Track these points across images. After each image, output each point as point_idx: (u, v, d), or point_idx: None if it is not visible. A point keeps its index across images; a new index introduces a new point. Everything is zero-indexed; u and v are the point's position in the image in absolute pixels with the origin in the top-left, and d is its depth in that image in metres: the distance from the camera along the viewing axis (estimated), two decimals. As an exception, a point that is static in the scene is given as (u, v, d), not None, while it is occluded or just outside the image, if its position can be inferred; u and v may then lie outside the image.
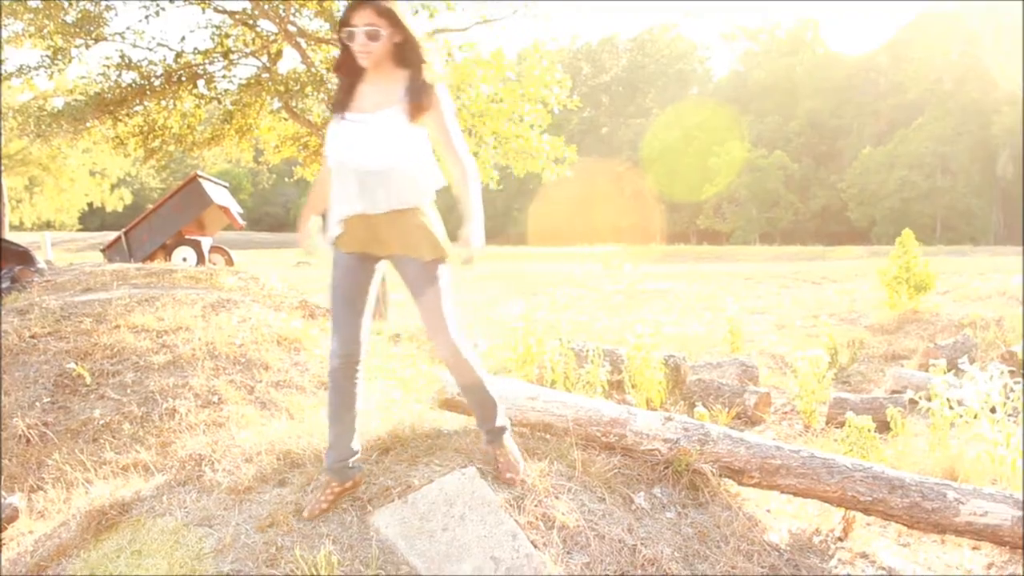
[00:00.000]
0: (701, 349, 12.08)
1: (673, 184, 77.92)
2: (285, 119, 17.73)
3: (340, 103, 4.40)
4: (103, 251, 20.14)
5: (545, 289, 24.57)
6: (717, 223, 76.34)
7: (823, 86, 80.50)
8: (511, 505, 4.51)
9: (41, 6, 15.91)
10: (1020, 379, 7.80)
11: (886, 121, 75.23)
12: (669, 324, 14.62)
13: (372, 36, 4.16)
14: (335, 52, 16.54)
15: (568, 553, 4.32)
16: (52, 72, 16.45)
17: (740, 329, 12.88)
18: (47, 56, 16.19)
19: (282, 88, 16.01)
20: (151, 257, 18.11)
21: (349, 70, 4.36)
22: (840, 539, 5.12)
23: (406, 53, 4.26)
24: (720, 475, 5.16)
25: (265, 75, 16.19)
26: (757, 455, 5.10)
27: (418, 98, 4.22)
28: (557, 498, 4.63)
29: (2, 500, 6.25)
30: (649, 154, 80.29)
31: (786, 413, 8.96)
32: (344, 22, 4.20)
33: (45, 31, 16.05)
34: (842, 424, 6.86)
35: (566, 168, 17.29)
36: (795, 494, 5.12)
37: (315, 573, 4.07)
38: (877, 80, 78.81)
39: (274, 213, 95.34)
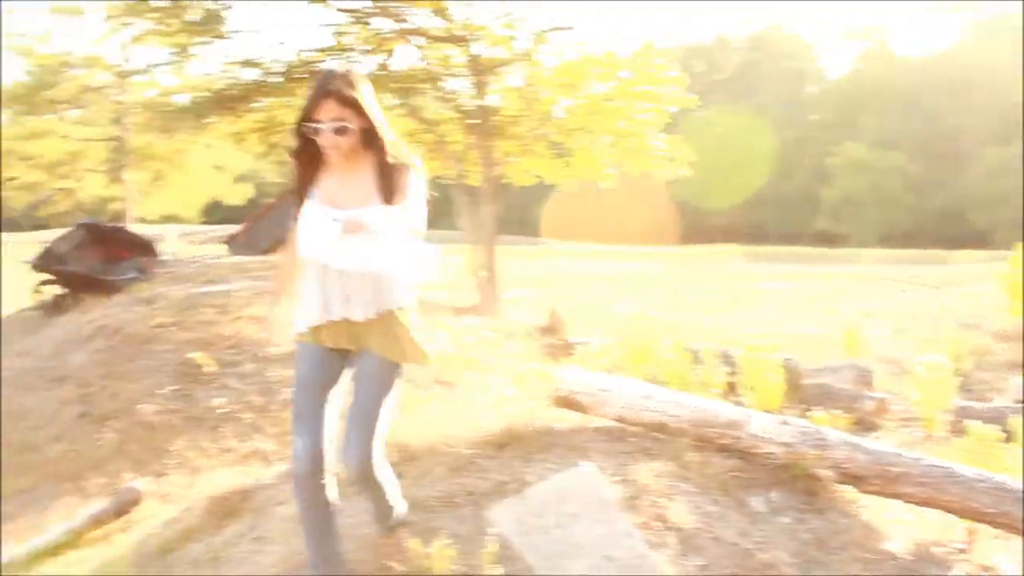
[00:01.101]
0: (816, 352, 11.88)
1: (788, 184, 76.76)
2: (401, 116, 17.95)
3: (302, 193, 4.02)
4: (225, 243, 20.60)
5: (657, 288, 24.44)
6: (834, 224, 74.93)
7: (941, 85, 78.48)
8: (626, 505, 4.50)
9: (166, 5, 16.38)
10: None
11: (1012, 121, 73.03)
12: (783, 325, 14.41)
13: (340, 131, 3.83)
14: (449, 50, 16.67)
15: (683, 555, 4.30)
16: (176, 69, 16.93)
17: (857, 332, 12.63)
18: (172, 54, 16.66)
19: (398, 85, 16.19)
20: (272, 250, 18.45)
21: (310, 159, 3.97)
22: (962, 551, 5.00)
23: (371, 137, 3.92)
24: (838, 481, 5.08)
25: (381, 72, 16.38)
26: (877, 462, 5.00)
27: (391, 185, 3.88)
28: (672, 499, 4.61)
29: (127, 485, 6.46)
30: (764, 153, 79.21)
31: (905, 420, 8.77)
32: (307, 116, 3.83)
33: (169, 29, 16.52)
34: (964, 433, 6.69)
35: (682, 167, 17.17)
36: (915, 503, 5.02)
37: (429, 566, 4.11)
38: (997, 78, 76.53)
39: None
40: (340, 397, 4.12)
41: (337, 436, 4.04)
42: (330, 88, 3.81)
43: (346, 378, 4.11)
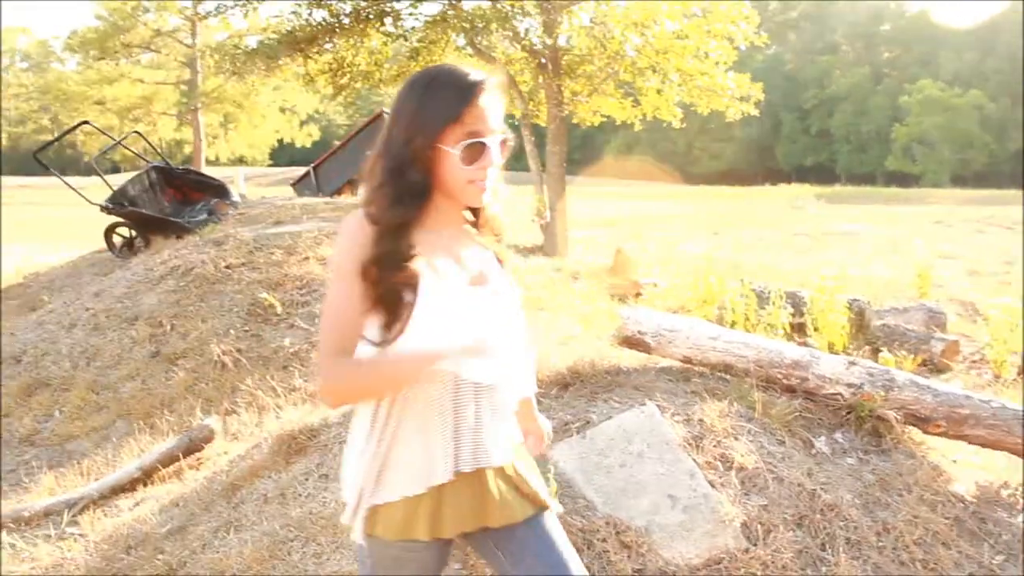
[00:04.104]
0: (887, 294, 11.74)
1: (861, 123, 75.54)
2: (470, 56, 17.86)
3: (405, 263, 2.25)
4: (293, 185, 20.79)
5: (727, 228, 24.26)
6: (907, 164, 73.61)
7: (1019, 21, 76.34)
8: (689, 444, 4.51)
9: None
10: None
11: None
12: (854, 267, 14.24)
13: (504, 145, 2.36)
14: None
15: (746, 494, 4.31)
16: (247, 11, 17.00)
17: (928, 274, 12.46)
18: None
19: (467, 25, 16.12)
20: (339, 192, 18.60)
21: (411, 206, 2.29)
22: (1029, 493, 4.95)
23: None
24: (904, 423, 5.05)
25: (451, 12, 16.31)
26: (944, 403, 4.96)
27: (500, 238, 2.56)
28: (736, 439, 4.61)
29: (200, 421, 6.59)
30: (837, 92, 77.93)
31: (975, 362, 8.66)
32: (476, 127, 2.27)
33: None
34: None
35: (752, 106, 16.96)
36: (983, 445, 4.98)
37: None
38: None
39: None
40: None
41: None
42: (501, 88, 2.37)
43: None
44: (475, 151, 2.26)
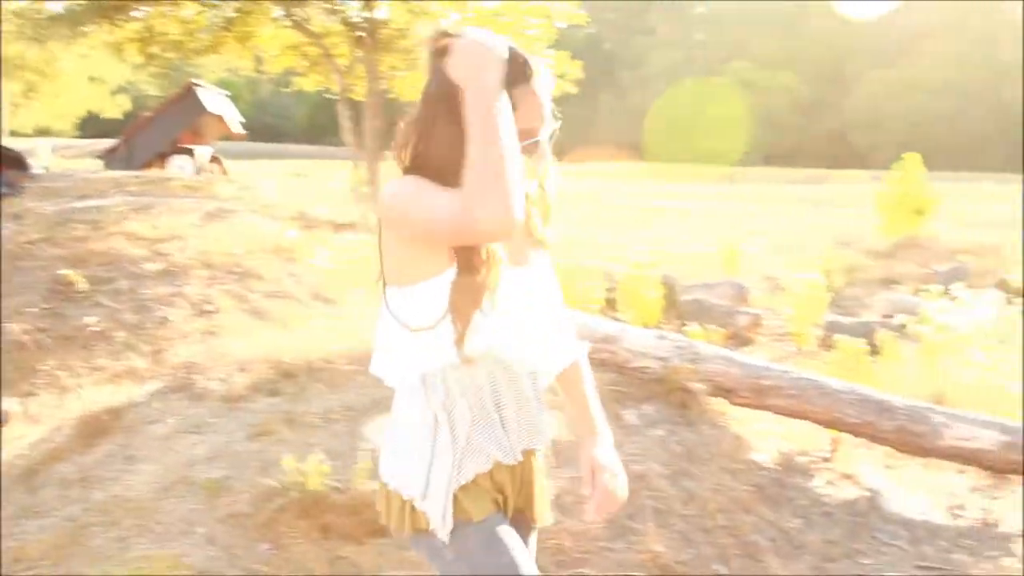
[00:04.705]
0: (697, 269, 12.08)
1: (676, 102, 77.35)
2: (286, 28, 17.51)
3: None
4: (100, 158, 20.07)
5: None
6: (718, 143, 75.82)
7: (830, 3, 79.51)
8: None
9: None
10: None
11: (893, 43, 74.41)
12: (666, 243, 14.60)
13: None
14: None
15: (557, 467, 4.35)
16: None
17: (736, 250, 12.86)
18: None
19: (284, -4, 15.83)
20: (148, 165, 18.05)
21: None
22: (826, 460, 5.15)
23: None
24: (711, 394, 5.18)
25: (266, -18, 15.98)
26: (748, 375, 5.11)
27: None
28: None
29: (-2, 403, 6.30)
30: (652, 72, 79.57)
31: (780, 335, 8.99)
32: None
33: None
34: (832, 347, 6.89)
35: (569, 84, 17.15)
36: (785, 415, 5.15)
37: (303, 482, 4.10)
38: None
39: (272, 123, 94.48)
40: None
41: None
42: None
43: None
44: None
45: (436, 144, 2.05)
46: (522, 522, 2.31)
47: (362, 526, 4.05)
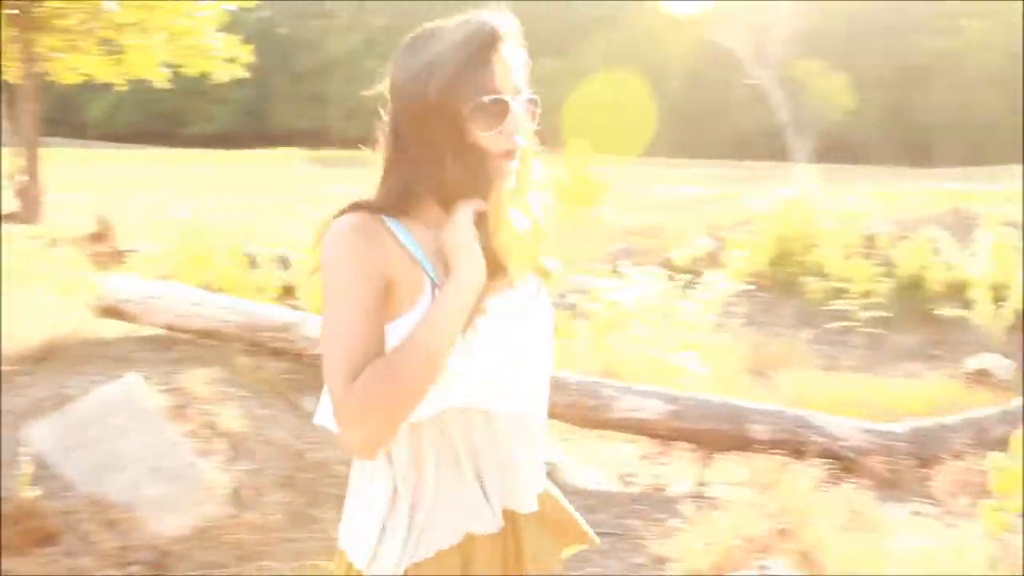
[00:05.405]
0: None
1: (355, 89, 77.25)
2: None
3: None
4: None
5: (219, 193, 23.88)
6: (351, 127, 76.38)
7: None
8: (174, 414, 4.40)
9: None
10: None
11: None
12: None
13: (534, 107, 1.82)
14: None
15: (234, 460, 4.28)
16: None
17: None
18: None
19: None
20: None
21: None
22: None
23: None
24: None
25: None
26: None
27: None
28: (222, 405, 4.57)
29: None
30: (330, 56, 79.25)
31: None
32: (494, 81, 1.75)
33: None
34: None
35: (240, 68, 16.83)
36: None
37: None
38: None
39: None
40: None
41: None
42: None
43: None
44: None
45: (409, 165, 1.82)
46: None
47: (25, 535, 3.83)
